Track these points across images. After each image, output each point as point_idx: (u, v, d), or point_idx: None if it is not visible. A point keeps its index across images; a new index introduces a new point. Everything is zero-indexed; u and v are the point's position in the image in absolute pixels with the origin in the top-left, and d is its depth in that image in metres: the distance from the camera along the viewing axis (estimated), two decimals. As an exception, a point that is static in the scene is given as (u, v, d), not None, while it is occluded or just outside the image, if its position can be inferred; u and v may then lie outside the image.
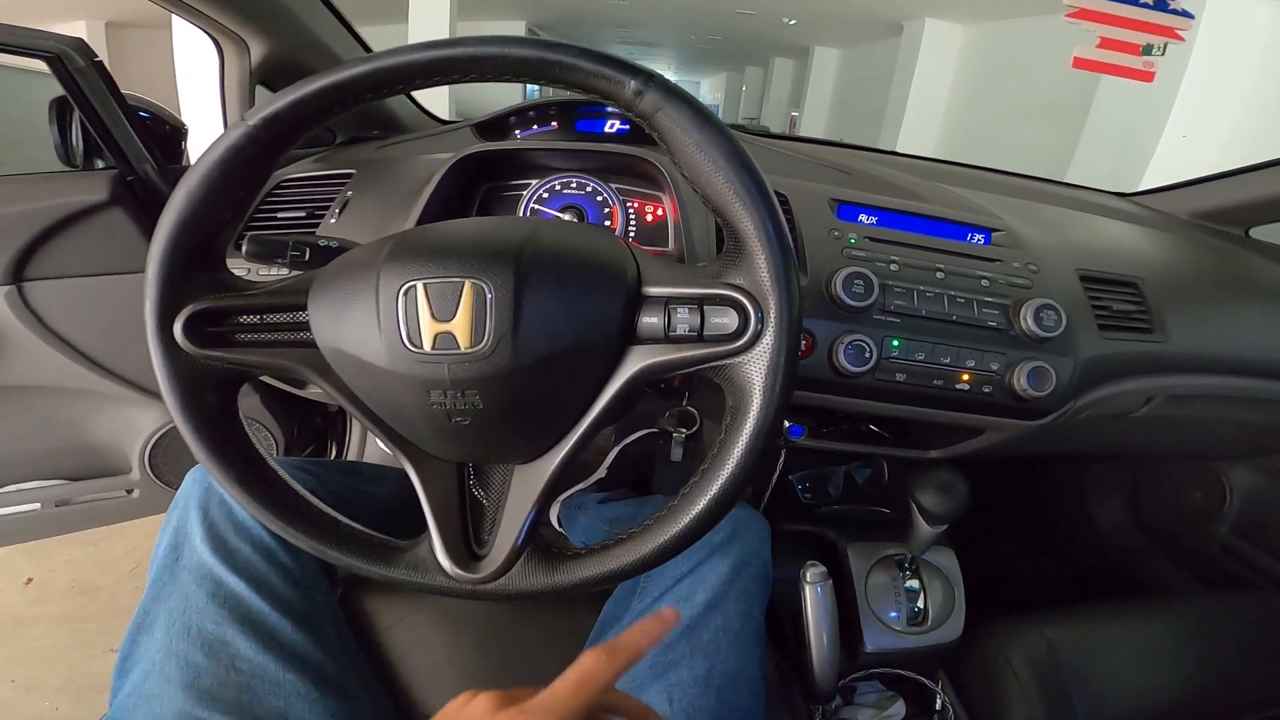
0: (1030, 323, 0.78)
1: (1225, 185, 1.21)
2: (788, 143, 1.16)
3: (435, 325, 0.44)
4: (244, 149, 0.46)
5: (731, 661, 0.66)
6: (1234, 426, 1.07)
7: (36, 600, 1.63)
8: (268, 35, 1.03)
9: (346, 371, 0.49)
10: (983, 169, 1.33)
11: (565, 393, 0.49)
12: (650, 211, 0.93)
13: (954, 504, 0.88)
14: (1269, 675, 0.99)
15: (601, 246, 0.50)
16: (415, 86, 0.47)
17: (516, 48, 0.44)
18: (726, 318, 0.46)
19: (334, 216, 0.90)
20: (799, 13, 9.57)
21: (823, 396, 0.81)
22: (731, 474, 0.46)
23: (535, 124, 1.07)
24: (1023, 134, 7.05)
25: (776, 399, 0.46)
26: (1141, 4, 1.14)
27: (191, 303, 0.49)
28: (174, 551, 0.66)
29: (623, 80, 0.44)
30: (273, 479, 0.54)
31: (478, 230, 0.50)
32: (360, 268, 0.47)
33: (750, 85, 17.85)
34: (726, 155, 0.45)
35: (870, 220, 0.88)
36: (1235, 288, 1.04)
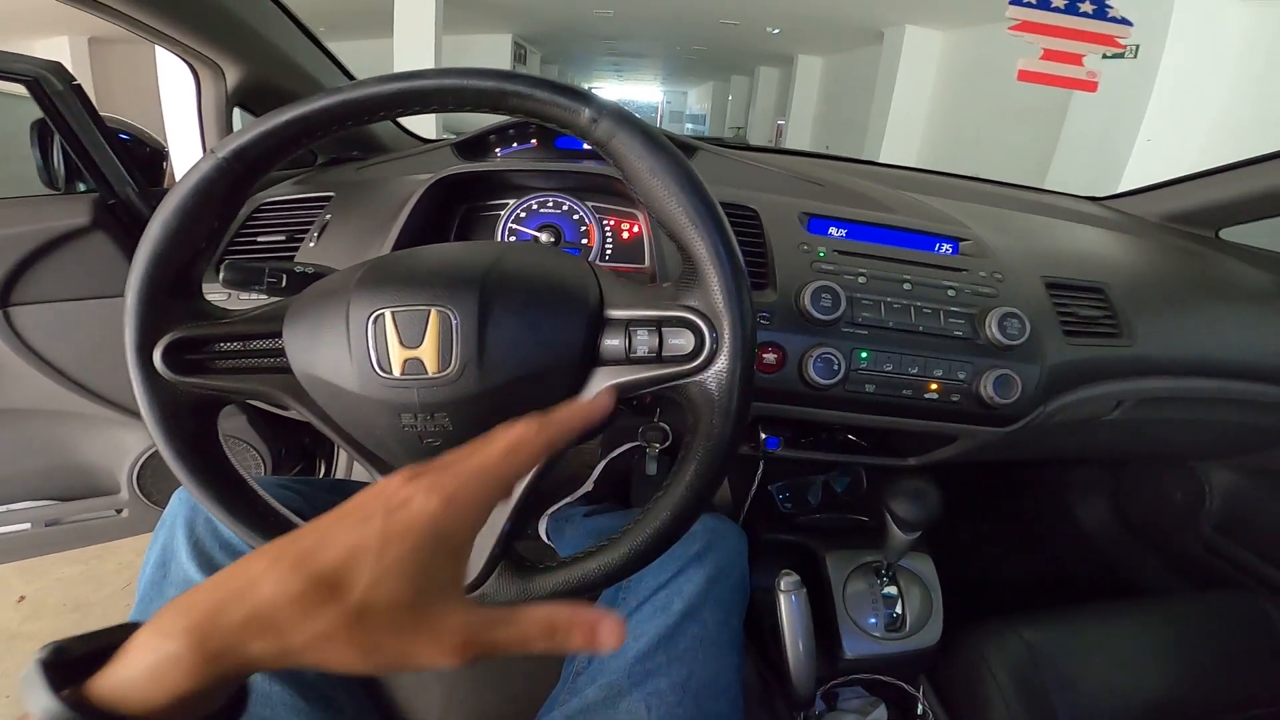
0: (995, 331, 0.79)
1: (1195, 187, 1.22)
2: (763, 155, 1.18)
3: (404, 351, 0.46)
4: (215, 181, 0.48)
5: (709, 670, 0.67)
6: (1207, 427, 1.09)
7: (29, 617, 1.62)
8: (242, 60, 1.04)
9: (321, 396, 0.50)
10: (955, 176, 1.34)
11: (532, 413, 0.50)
12: (626, 229, 0.95)
13: (926, 511, 0.89)
14: (1251, 674, 0.99)
15: (564, 271, 0.51)
16: (381, 118, 0.49)
17: (476, 79, 0.46)
18: (683, 339, 0.47)
19: (313, 240, 0.91)
20: (782, 22, 9.63)
21: (795, 409, 0.82)
22: (692, 487, 0.48)
23: (515, 141, 1.08)
24: (1003, 139, 7.11)
25: (733, 416, 0.47)
26: (1081, 13, 1.16)
27: (170, 331, 0.50)
28: (161, 568, 0.67)
29: (577, 109, 0.46)
30: (253, 497, 0.55)
31: (443, 257, 0.51)
32: (332, 295, 0.49)
33: (736, 94, 17.91)
34: (678, 180, 0.46)
35: (840, 233, 0.90)
36: (1204, 289, 1.06)
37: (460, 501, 0.33)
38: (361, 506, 0.32)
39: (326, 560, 0.30)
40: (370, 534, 0.31)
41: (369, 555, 0.30)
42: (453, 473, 0.34)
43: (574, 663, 0.70)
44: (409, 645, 0.31)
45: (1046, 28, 1.17)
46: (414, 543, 0.31)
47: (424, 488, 0.32)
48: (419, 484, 0.33)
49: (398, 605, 0.30)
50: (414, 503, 0.32)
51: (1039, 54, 1.19)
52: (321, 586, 0.30)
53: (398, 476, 0.34)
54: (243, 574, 0.30)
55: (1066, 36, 1.17)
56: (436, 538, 0.31)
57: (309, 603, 0.29)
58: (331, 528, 0.32)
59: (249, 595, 0.29)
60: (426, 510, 0.31)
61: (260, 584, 0.30)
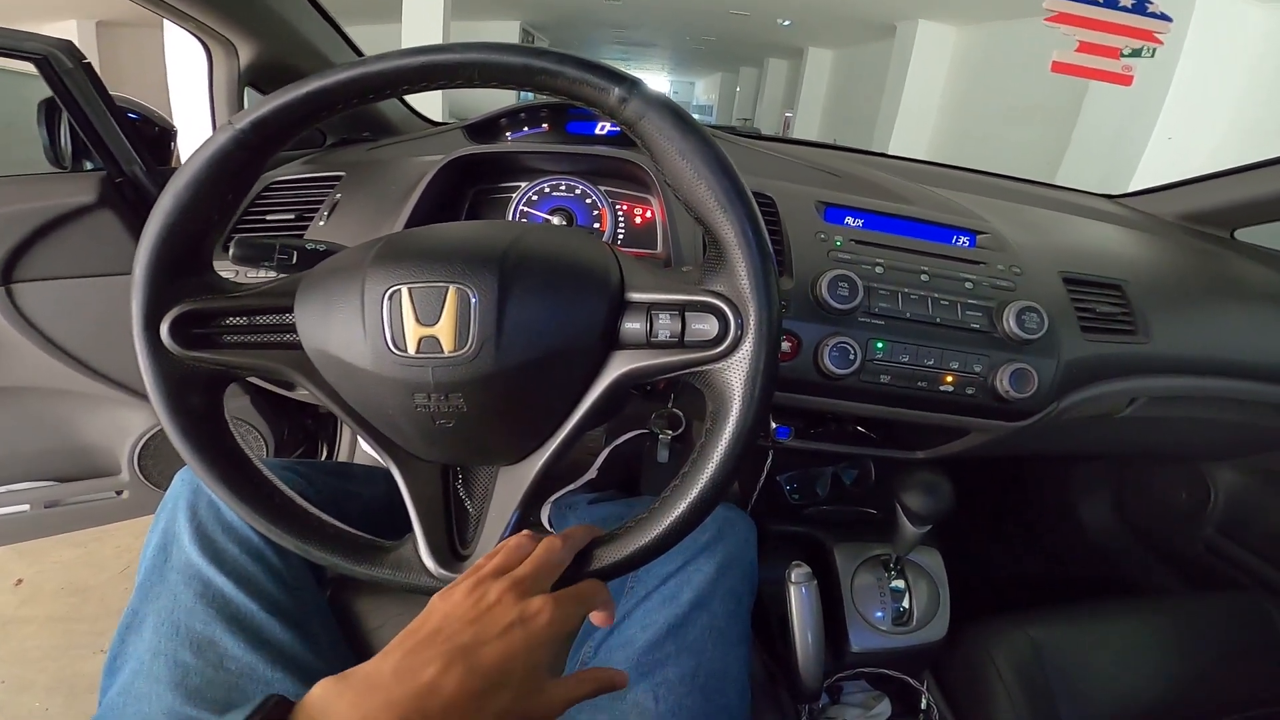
0: (1013, 325, 0.78)
1: (1211, 187, 1.21)
2: (776, 145, 1.17)
3: (419, 329, 0.45)
4: (231, 153, 0.47)
5: (717, 660, 0.66)
6: (1218, 427, 1.08)
7: (27, 601, 1.62)
8: (255, 38, 1.03)
9: (331, 374, 0.49)
10: (970, 171, 1.33)
11: (548, 396, 0.49)
12: (639, 214, 0.94)
13: (938, 504, 0.88)
14: (1252, 674, 1.00)
15: (585, 252, 0.50)
16: (403, 92, 0.47)
17: (502, 54, 0.44)
18: (707, 324, 0.46)
19: (323, 219, 0.90)
20: (793, 14, 9.59)
21: (808, 398, 0.82)
22: (711, 477, 0.47)
23: (526, 125, 1.07)
24: (1014, 135, 7.08)
25: (755, 404, 0.46)
26: (1120, 7, 1.15)
27: (178, 304, 0.49)
28: (162, 552, 0.66)
29: (607, 87, 0.45)
30: (258, 479, 0.54)
31: (463, 235, 0.50)
32: (346, 271, 0.48)
33: (745, 86, 17.84)
34: (708, 162, 0.45)
35: (856, 223, 0.89)
36: (1219, 289, 1.05)
37: (570, 622, 0.44)
38: (496, 616, 0.41)
39: (493, 662, 0.39)
40: (518, 642, 0.40)
41: (519, 659, 0.40)
42: (563, 597, 0.44)
43: (580, 652, 0.69)
44: (542, 708, 0.41)
45: (1084, 20, 1.15)
46: (546, 650, 0.42)
47: (547, 605, 0.43)
48: (540, 601, 0.43)
49: (539, 690, 0.41)
50: (544, 618, 0.42)
51: (1074, 46, 1.17)
52: (493, 686, 0.38)
53: (499, 581, 0.44)
54: (419, 672, 0.37)
55: (1104, 30, 1.16)
56: (558, 647, 0.43)
57: (487, 696, 0.38)
58: (478, 631, 0.40)
59: (438, 694, 0.37)
60: (555, 627, 0.42)
61: (444, 685, 0.37)
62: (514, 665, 0.40)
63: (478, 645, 0.39)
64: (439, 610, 0.43)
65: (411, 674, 0.37)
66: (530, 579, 0.45)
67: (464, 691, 0.37)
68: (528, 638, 0.41)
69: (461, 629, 0.40)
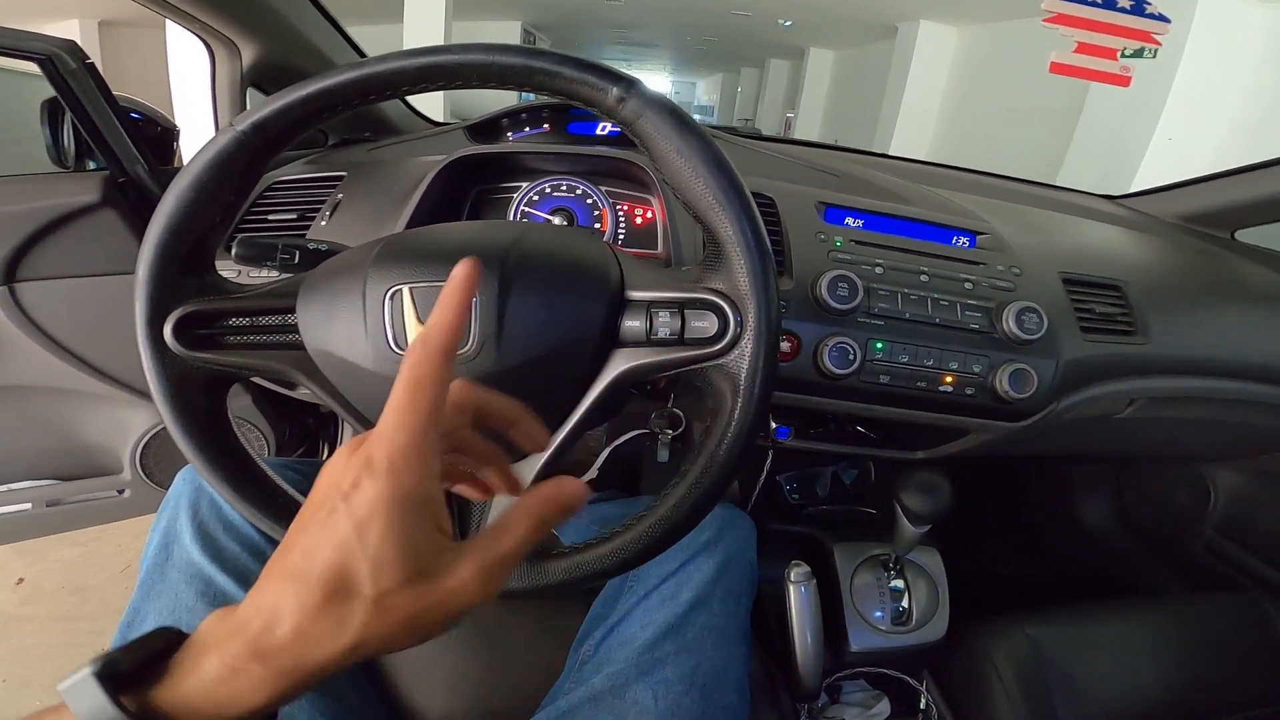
0: (1012, 325, 0.78)
1: (1211, 188, 1.21)
2: (777, 145, 1.17)
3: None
4: (233, 154, 0.47)
5: (717, 660, 0.66)
6: (1217, 428, 1.08)
7: (28, 600, 1.63)
8: (258, 38, 1.03)
9: (334, 373, 0.50)
10: (970, 171, 1.33)
11: (550, 395, 0.49)
12: (639, 214, 0.94)
13: (937, 504, 0.89)
14: (1251, 675, 0.99)
15: (586, 251, 0.51)
16: (404, 93, 0.48)
17: (502, 55, 0.45)
18: (706, 321, 0.47)
19: (324, 219, 0.91)
20: (795, 14, 9.59)
21: (808, 398, 0.82)
22: (710, 475, 0.47)
23: (527, 126, 1.08)
24: (1015, 136, 7.07)
25: (755, 401, 0.46)
26: (1119, 8, 1.15)
27: (181, 305, 0.49)
28: (164, 551, 0.66)
29: (605, 87, 0.45)
30: (261, 478, 0.54)
31: (464, 234, 0.51)
32: (348, 271, 0.48)
33: (746, 86, 17.83)
34: (706, 161, 0.45)
35: (856, 223, 0.89)
36: (1219, 290, 1.05)
37: (400, 462, 0.31)
38: (321, 503, 0.32)
39: (322, 566, 0.30)
40: (342, 528, 0.31)
41: (353, 548, 0.30)
42: (380, 437, 0.32)
43: (579, 652, 0.69)
44: (442, 603, 0.32)
45: (1082, 21, 1.15)
46: (384, 519, 0.31)
47: (363, 464, 0.32)
48: (357, 461, 0.32)
49: (407, 579, 0.31)
50: (362, 484, 0.31)
51: (1073, 47, 1.17)
52: (334, 592, 0.30)
53: (339, 456, 0.33)
54: (264, 602, 0.31)
55: (1102, 31, 1.16)
56: (401, 505, 0.31)
57: (333, 608, 0.30)
58: (306, 533, 0.32)
59: (282, 619, 0.30)
60: (376, 486, 0.31)
61: (283, 608, 0.30)
62: (349, 561, 0.30)
63: (309, 552, 0.31)
64: (305, 506, 0.34)
65: (255, 604, 0.31)
66: (378, 437, 0.32)
67: (304, 611, 0.30)
68: (353, 518, 0.31)
69: (294, 534, 0.32)
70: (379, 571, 0.30)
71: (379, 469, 0.31)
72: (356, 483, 0.31)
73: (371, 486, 0.31)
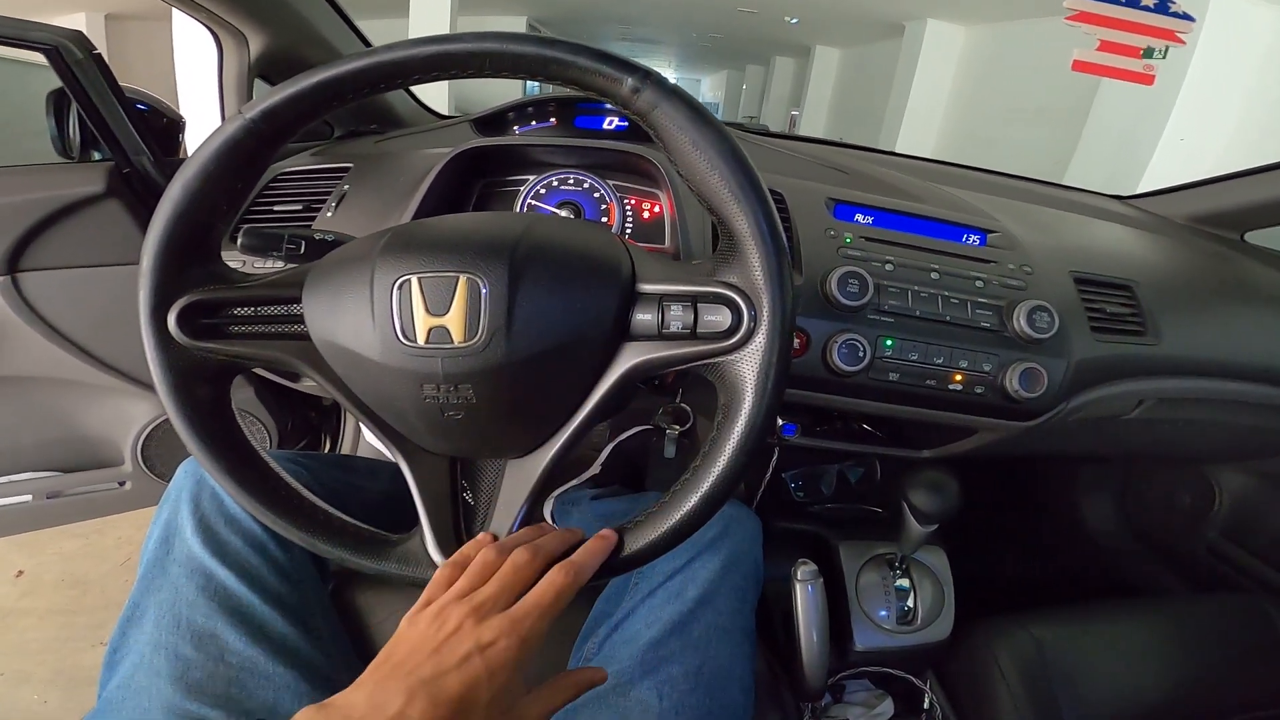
0: (1023, 324, 0.78)
1: (1221, 189, 1.21)
2: (786, 141, 1.16)
3: (429, 319, 0.44)
4: (241, 142, 0.47)
5: (722, 658, 0.66)
6: (1225, 430, 1.08)
7: (27, 593, 1.62)
8: (267, 29, 1.03)
9: (340, 364, 0.49)
10: (980, 170, 1.33)
11: (558, 388, 0.49)
12: (647, 208, 0.93)
13: (945, 503, 0.88)
14: (1254, 677, 0.99)
15: (597, 242, 0.50)
16: (414, 81, 0.47)
17: (515, 44, 0.44)
18: (720, 315, 0.46)
19: (330, 210, 0.90)
20: (801, 12, 9.56)
21: (816, 395, 0.81)
22: (722, 471, 0.47)
23: (534, 120, 1.07)
24: (1021, 136, 7.05)
25: (768, 397, 0.46)
26: (1142, 6, 1.14)
27: (186, 294, 0.49)
28: (165, 544, 0.66)
29: (620, 77, 0.44)
30: (265, 471, 0.54)
31: (473, 225, 0.50)
32: (355, 261, 0.47)
33: (751, 84, 17.80)
34: (722, 153, 0.45)
35: (866, 220, 0.89)
36: (1229, 292, 1.04)
37: (530, 641, 0.44)
38: (454, 645, 0.42)
39: (454, 693, 0.40)
40: (478, 670, 0.41)
41: (482, 686, 0.41)
42: (520, 617, 0.44)
43: (583, 649, 0.69)
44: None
45: (1105, 19, 1.14)
46: (508, 673, 0.42)
47: (504, 630, 0.43)
48: (499, 623, 0.43)
49: (511, 710, 0.43)
50: (500, 645, 0.42)
51: (1095, 45, 1.16)
52: (458, 712, 0.39)
53: (459, 606, 0.44)
54: (387, 705, 0.39)
55: (1126, 29, 1.15)
56: (519, 665, 0.43)
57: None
58: (439, 661, 0.41)
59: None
60: (512, 651, 0.42)
61: (409, 715, 0.38)
62: (477, 693, 0.41)
63: (438, 676, 0.40)
64: (406, 639, 0.44)
65: (380, 708, 0.39)
66: (491, 601, 0.45)
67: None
68: (487, 664, 0.41)
69: (423, 660, 0.41)
70: (493, 704, 0.41)
71: (513, 640, 0.43)
72: (494, 642, 0.42)
73: (506, 648, 0.42)
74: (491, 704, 0.41)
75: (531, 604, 0.45)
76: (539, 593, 0.46)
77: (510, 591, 0.46)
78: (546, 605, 0.45)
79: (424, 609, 0.45)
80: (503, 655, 0.42)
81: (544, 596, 0.46)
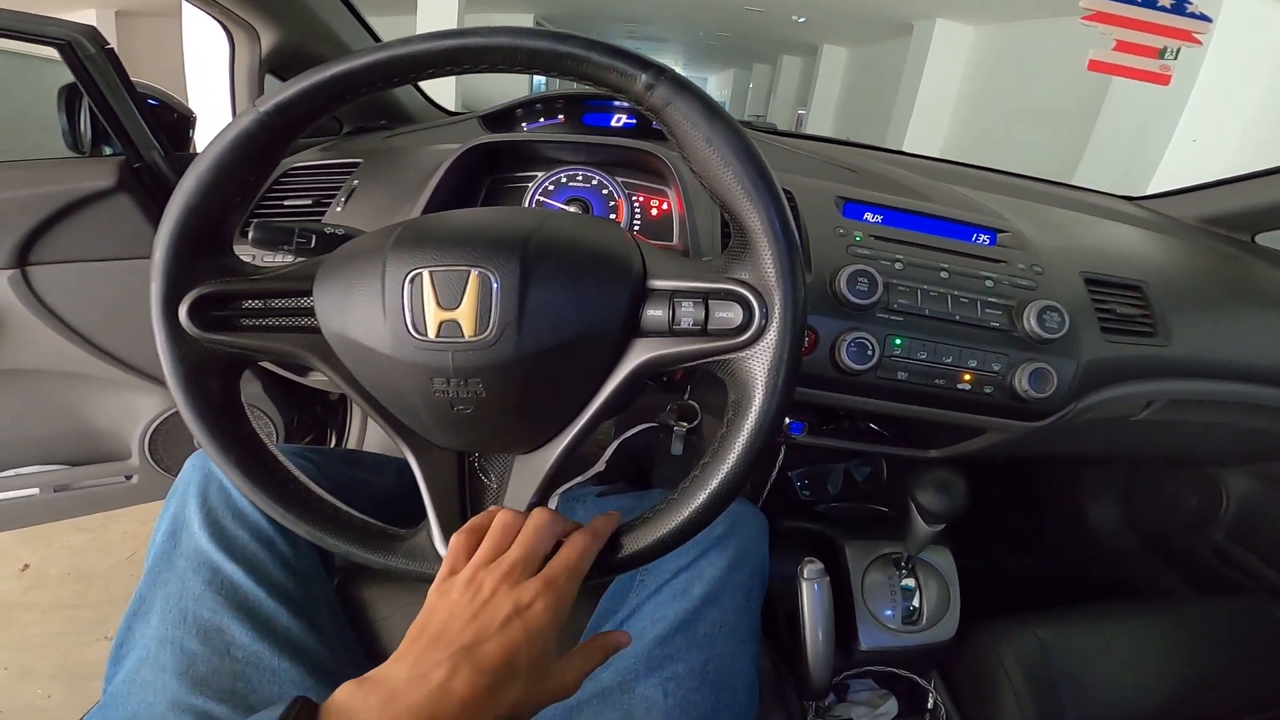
0: (1033, 324, 0.78)
1: (1232, 191, 1.20)
2: (794, 140, 1.16)
3: (440, 313, 0.44)
4: (255, 135, 0.47)
5: (727, 656, 0.66)
6: (1234, 432, 1.07)
7: (32, 586, 1.63)
8: (279, 24, 1.03)
9: (350, 358, 0.49)
10: (989, 170, 1.32)
11: (568, 383, 0.49)
12: (655, 206, 0.93)
13: (952, 503, 0.88)
14: (1258, 679, 0.99)
15: (608, 238, 0.50)
16: (426, 76, 0.47)
17: (528, 39, 0.44)
18: (731, 312, 0.46)
19: (340, 205, 0.90)
20: (809, 11, 9.53)
21: (824, 394, 0.81)
22: (731, 469, 0.47)
23: (542, 116, 1.07)
24: (1030, 136, 7.02)
25: (779, 394, 0.46)
26: (1159, 7, 1.13)
27: (197, 286, 0.49)
28: (171, 538, 0.66)
29: (634, 74, 0.44)
30: (273, 464, 0.54)
31: (485, 220, 0.50)
32: (366, 254, 0.47)
33: (757, 82, 17.74)
34: (736, 150, 0.45)
35: (876, 219, 0.88)
36: (1239, 293, 1.04)
37: (565, 602, 0.45)
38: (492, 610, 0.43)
39: (496, 659, 0.40)
40: (518, 634, 0.42)
41: (521, 651, 0.41)
42: (552, 578, 0.45)
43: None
44: (552, 692, 0.44)
45: (1122, 19, 1.13)
46: (546, 636, 0.43)
47: (540, 592, 0.44)
48: (532, 588, 0.44)
49: (548, 674, 0.44)
50: (537, 607, 0.43)
51: (1112, 45, 1.16)
52: (503, 679, 0.40)
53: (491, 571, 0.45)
54: (430, 675, 0.39)
55: (1143, 29, 1.14)
56: (558, 624, 0.44)
57: (498, 689, 0.40)
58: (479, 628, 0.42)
59: (452, 695, 0.39)
60: (550, 612, 0.43)
61: (455, 685, 0.39)
62: (518, 657, 0.41)
63: (480, 643, 0.41)
64: (440, 609, 0.44)
65: (424, 678, 0.39)
66: (521, 564, 0.45)
67: (475, 690, 0.39)
68: (526, 627, 0.42)
69: (463, 628, 0.42)
70: (532, 669, 0.42)
71: (550, 600, 0.44)
72: (532, 604, 0.43)
73: (545, 609, 0.43)
74: (531, 669, 0.42)
75: (561, 565, 0.46)
76: (566, 553, 0.47)
77: (537, 554, 0.46)
78: (575, 565, 0.46)
79: (451, 577, 0.46)
80: (541, 617, 0.43)
81: (571, 556, 0.47)
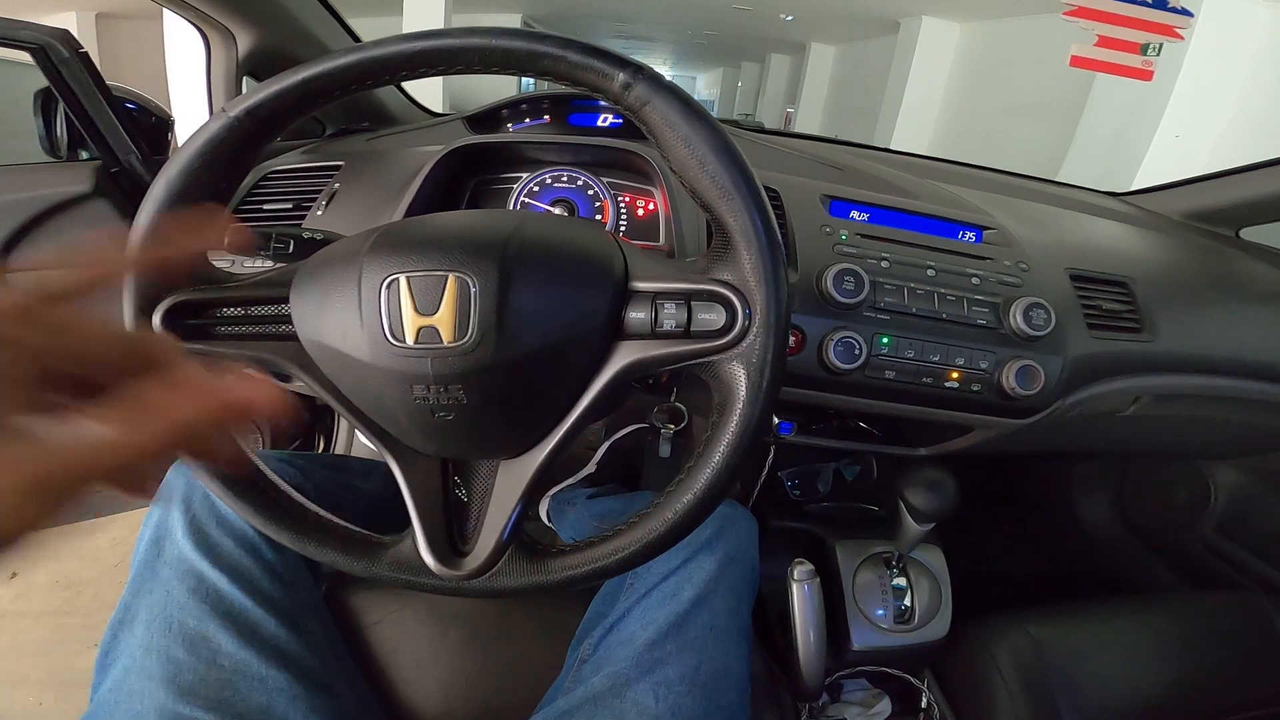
0: (1020, 321, 0.77)
1: (1216, 186, 1.21)
2: (781, 138, 1.16)
3: (418, 319, 0.43)
4: (225, 139, 0.46)
5: (718, 658, 0.65)
6: (1221, 426, 1.07)
7: (20, 595, 1.61)
8: (255, 26, 1.02)
9: (328, 365, 0.48)
10: (975, 167, 1.33)
11: (550, 388, 0.48)
12: (641, 206, 0.93)
13: (942, 502, 0.88)
14: (1251, 673, 0.99)
15: (589, 240, 0.49)
16: (402, 78, 0.46)
17: (504, 39, 0.43)
18: (714, 314, 0.46)
19: (321, 209, 0.89)
20: (796, 9, 9.54)
21: (812, 393, 0.81)
22: (717, 471, 0.46)
23: (527, 117, 1.06)
24: (1017, 133, 7.06)
25: (763, 396, 0.45)
26: (1140, 2, 1.13)
27: (171, 294, 0.48)
28: (156, 546, 0.65)
29: (611, 73, 0.44)
30: (254, 474, 0.53)
31: (463, 223, 0.49)
32: (343, 260, 0.47)
33: (746, 81, 17.78)
34: (714, 149, 0.44)
35: (862, 217, 0.88)
36: (1225, 288, 1.04)
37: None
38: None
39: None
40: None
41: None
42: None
43: (579, 650, 0.68)
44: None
45: (1104, 14, 1.14)
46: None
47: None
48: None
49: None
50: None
51: (1094, 40, 1.16)
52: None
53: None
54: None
55: (1125, 24, 1.14)
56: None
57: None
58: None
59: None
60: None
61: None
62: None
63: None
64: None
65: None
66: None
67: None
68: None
69: None
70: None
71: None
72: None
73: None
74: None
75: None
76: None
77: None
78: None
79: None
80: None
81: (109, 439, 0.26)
